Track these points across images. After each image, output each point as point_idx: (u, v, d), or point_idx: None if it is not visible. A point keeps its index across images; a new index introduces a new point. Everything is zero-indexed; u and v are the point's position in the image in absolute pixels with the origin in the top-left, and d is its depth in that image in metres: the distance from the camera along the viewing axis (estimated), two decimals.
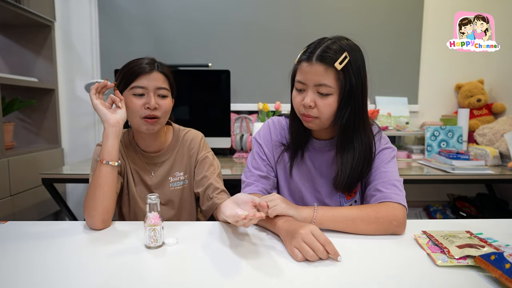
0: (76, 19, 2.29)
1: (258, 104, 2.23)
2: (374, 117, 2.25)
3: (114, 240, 0.84)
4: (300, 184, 1.05)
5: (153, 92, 1.01)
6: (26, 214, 1.88)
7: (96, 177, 0.92)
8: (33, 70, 2.17)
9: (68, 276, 0.66)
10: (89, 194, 0.92)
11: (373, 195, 0.93)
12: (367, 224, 0.85)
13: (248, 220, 0.70)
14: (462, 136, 2.13)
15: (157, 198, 0.80)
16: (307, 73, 0.88)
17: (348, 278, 0.66)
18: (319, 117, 0.91)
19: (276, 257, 0.75)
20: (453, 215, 2.31)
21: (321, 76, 0.87)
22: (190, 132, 1.17)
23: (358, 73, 0.88)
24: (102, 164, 0.92)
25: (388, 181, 0.92)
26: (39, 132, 2.23)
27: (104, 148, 0.94)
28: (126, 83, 1.01)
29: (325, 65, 0.86)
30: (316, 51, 0.88)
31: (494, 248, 0.72)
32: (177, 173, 1.13)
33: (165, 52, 2.30)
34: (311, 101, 0.88)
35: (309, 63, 0.88)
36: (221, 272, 0.68)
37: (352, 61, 0.87)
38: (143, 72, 1.00)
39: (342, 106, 0.89)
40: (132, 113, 1.01)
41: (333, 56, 0.86)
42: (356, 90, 0.88)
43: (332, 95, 0.88)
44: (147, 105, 1.00)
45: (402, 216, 0.86)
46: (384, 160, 0.97)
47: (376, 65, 2.34)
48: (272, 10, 2.32)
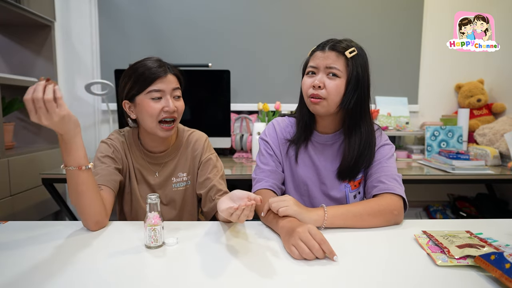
0: (76, 19, 2.29)
1: (258, 104, 2.23)
2: (374, 117, 2.25)
3: (114, 240, 0.84)
4: (306, 177, 1.09)
5: (169, 95, 1.01)
6: (26, 214, 1.88)
7: (75, 185, 0.86)
8: (33, 70, 2.17)
9: (68, 276, 0.66)
10: (74, 202, 0.88)
11: (375, 186, 0.99)
12: (373, 217, 0.91)
13: (241, 211, 0.72)
14: (462, 136, 2.13)
15: (157, 198, 0.80)
16: (320, 58, 0.99)
17: (348, 278, 0.66)
18: (326, 99, 0.98)
19: (276, 257, 0.75)
20: (453, 215, 2.31)
21: (333, 60, 0.97)
22: (194, 133, 1.18)
23: (364, 67, 0.99)
24: (81, 171, 0.85)
25: (391, 175, 1.00)
26: (39, 132, 2.23)
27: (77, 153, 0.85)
28: (141, 88, 0.99)
29: (336, 52, 0.97)
30: (328, 44, 1.00)
31: (494, 248, 0.72)
32: (180, 174, 1.13)
33: (165, 52, 2.30)
34: (320, 81, 0.97)
35: (322, 51, 0.99)
36: (221, 272, 0.68)
37: (359, 56, 0.99)
38: (159, 76, 0.99)
39: (349, 91, 0.97)
40: (151, 117, 1.00)
41: (345, 46, 0.98)
42: (362, 80, 0.98)
43: (341, 78, 0.97)
44: (166, 108, 1.00)
45: (400, 205, 0.95)
46: (385, 155, 1.05)
47: (376, 65, 2.31)
48: (272, 10, 2.32)
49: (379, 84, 2.38)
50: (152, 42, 2.31)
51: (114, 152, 1.07)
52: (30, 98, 0.73)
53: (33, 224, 0.95)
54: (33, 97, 0.72)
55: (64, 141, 0.83)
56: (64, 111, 0.77)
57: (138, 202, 1.11)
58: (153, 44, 2.31)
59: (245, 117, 2.34)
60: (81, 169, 0.86)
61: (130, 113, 1.05)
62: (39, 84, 0.74)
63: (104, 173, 1.01)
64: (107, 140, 1.09)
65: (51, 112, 0.74)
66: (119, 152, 1.08)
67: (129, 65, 1.04)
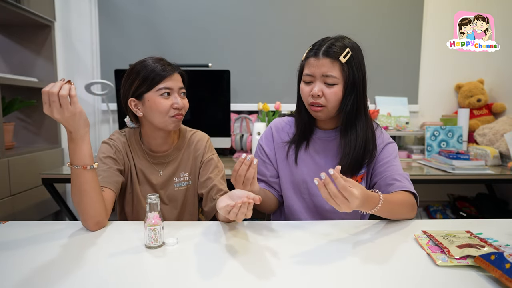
0: (76, 19, 2.29)
1: (258, 104, 2.23)
2: (374, 117, 2.25)
3: (114, 240, 0.84)
4: (306, 176, 1.10)
5: (177, 93, 1.04)
6: (26, 214, 1.88)
7: (79, 184, 0.87)
8: (33, 70, 2.17)
9: (68, 276, 0.66)
10: (76, 201, 0.89)
11: (390, 184, 1.02)
12: (406, 208, 0.97)
13: (237, 208, 0.73)
14: (462, 136, 2.13)
15: (157, 198, 0.80)
16: (315, 67, 0.98)
17: (348, 278, 0.66)
18: (326, 106, 1.00)
19: (275, 257, 0.75)
20: (453, 215, 2.31)
21: (328, 68, 0.97)
22: (196, 134, 1.19)
23: (359, 67, 0.99)
24: (85, 170, 0.87)
25: (402, 174, 1.04)
26: (39, 132, 2.23)
27: (84, 152, 0.87)
28: (151, 85, 1.01)
29: (331, 59, 0.97)
30: (322, 48, 0.98)
31: (494, 248, 0.72)
32: (182, 173, 1.14)
33: (165, 52, 2.30)
34: (319, 91, 0.98)
35: (316, 58, 0.98)
36: (221, 272, 0.68)
37: (353, 56, 0.98)
38: (169, 74, 1.02)
39: (347, 94, 0.99)
40: (161, 113, 1.02)
41: (338, 51, 0.97)
42: (358, 81, 0.99)
43: (338, 85, 0.98)
44: (175, 105, 1.02)
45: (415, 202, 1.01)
46: (392, 154, 1.07)
47: (376, 65, 2.34)
48: (272, 10, 2.32)
49: (379, 84, 2.38)
50: (152, 42, 2.31)
51: (116, 152, 1.07)
52: (47, 91, 0.78)
53: (33, 224, 0.96)
54: (49, 91, 0.78)
55: (72, 139, 0.86)
56: (77, 108, 0.82)
57: (139, 203, 1.11)
58: (153, 44, 2.31)
59: (245, 117, 2.34)
60: (86, 169, 0.87)
61: (136, 110, 1.05)
62: (58, 82, 0.80)
63: (106, 174, 1.01)
64: (108, 141, 1.09)
65: (63, 107, 0.80)
66: (120, 152, 1.08)
67: (133, 64, 1.05)
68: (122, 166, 1.07)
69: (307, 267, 0.70)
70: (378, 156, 1.07)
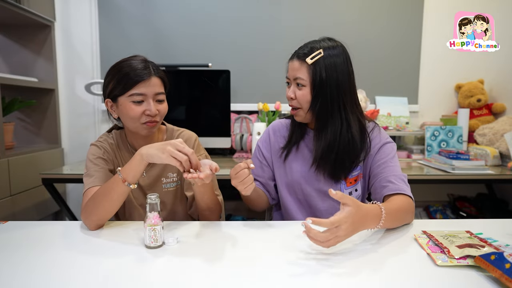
0: (76, 19, 2.28)
1: (258, 104, 2.23)
2: (374, 117, 2.25)
3: (114, 240, 0.84)
4: (300, 176, 1.09)
5: (151, 98, 1.00)
6: (26, 214, 1.88)
7: (109, 191, 0.90)
8: (33, 70, 2.17)
9: (68, 276, 0.67)
10: (96, 202, 0.90)
11: (385, 186, 0.99)
12: (406, 213, 0.93)
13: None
14: (462, 136, 2.13)
15: (157, 198, 0.80)
16: (290, 69, 1.03)
17: (348, 278, 0.66)
18: (301, 108, 1.02)
19: (276, 257, 0.75)
20: (453, 215, 2.31)
21: (297, 70, 1.00)
22: (184, 133, 1.16)
23: (332, 68, 0.97)
24: (122, 184, 0.89)
25: (399, 175, 1.00)
26: (39, 132, 2.23)
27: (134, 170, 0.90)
28: (123, 89, 0.98)
29: (299, 61, 0.99)
30: (298, 51, 1.01)
31: (494, 248, 0.72)
32: (170, 174, 1.11)
33: (165, 52, 2.30)
34: (291, 93, 1.02)
35: (291, 61, 1.03)
36: (221, 272, 0.68)
37: (325, 58, 0.97)
38: (142, 79, 0.97)
39: (315, 96, 0.99)
40: (132, 119, 1.00)
41: (307, 52, 0.98)
42: (327, 83, 0.97)
43: (306, 87, 0.99)
44: (147, 112, 0.99)
45: (413, 205, 0.98)
46: (389, 155, 1.05)
47: (376, 65, 2.34)
48: (272, 10, 2.32)
49: (379, 84, 2.38)
50: (152, 42, 2.31)
51: (104, 153, 1.06)
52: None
53: (33, 224, 0.96)
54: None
55: (143, 160, 0.89)
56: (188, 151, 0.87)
57: (131, 203, 1.09)
58: (153, 44, 2.31)
59: (245, 117, 2.34)
60: (124, 182, 0.89)
61: (112, 112, 1.05)
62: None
63: (99, 175, 1.00)
64: (96, 143, 1.09)
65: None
66: (109, 153, 1.08)
67: (115, 63, 1.02)
68: (112, 166, 1.07)
69: (307, 267, 0.70)
70: (375, 156, 1.05)
